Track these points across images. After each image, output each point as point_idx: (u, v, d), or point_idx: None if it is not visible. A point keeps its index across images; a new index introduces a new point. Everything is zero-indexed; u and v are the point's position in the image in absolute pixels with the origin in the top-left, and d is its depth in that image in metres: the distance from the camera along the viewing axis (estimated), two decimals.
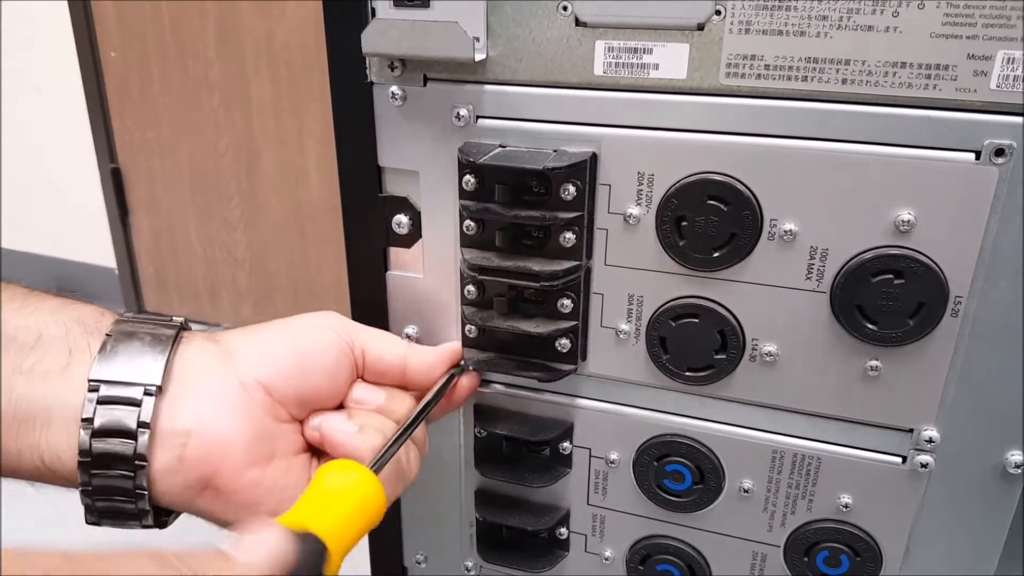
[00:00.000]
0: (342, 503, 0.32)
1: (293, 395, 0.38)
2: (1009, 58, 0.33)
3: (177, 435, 0.35)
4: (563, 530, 0.49)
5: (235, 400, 0.36)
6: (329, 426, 0.38)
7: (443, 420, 0.49)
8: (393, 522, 0.53)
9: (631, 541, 0.48)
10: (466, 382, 0.45)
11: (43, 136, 2.04)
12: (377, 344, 0.41)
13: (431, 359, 0.43)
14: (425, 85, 0.41)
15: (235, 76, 1.78)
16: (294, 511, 0.32)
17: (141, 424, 0.34)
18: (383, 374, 0.41)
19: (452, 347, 0.44)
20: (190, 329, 0.39)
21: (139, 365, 0.35)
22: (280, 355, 0.38)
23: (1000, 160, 0.34)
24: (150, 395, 0.34)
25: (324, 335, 0.40)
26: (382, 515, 0.34)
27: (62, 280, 2.17)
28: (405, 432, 0.39)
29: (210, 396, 0.36)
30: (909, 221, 0.36)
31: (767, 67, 0.36)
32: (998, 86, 0.33)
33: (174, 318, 0.38)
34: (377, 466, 0.35)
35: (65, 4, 1.86)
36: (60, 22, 1.88)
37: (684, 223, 0.39)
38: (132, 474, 0.34)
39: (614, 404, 0.45)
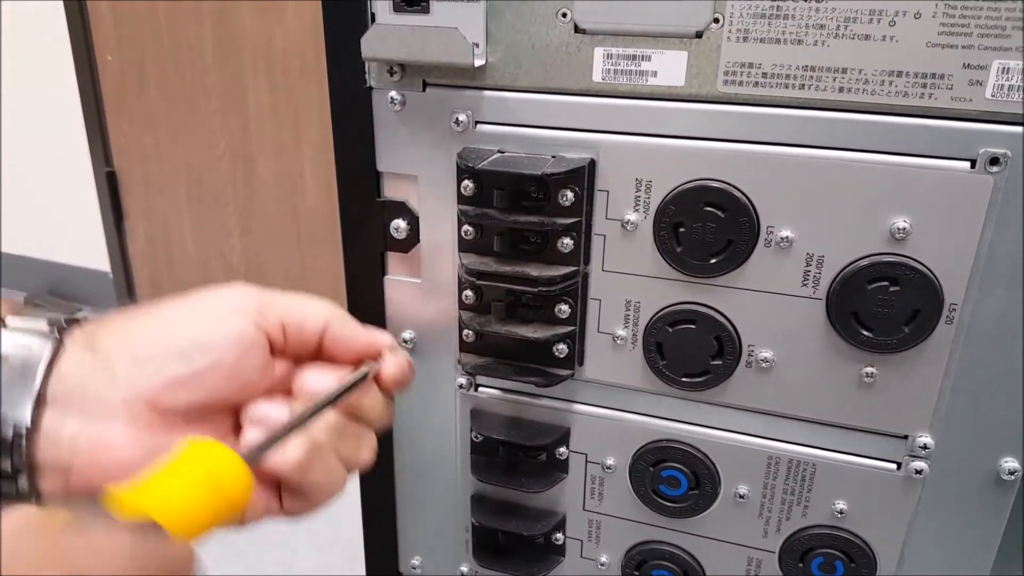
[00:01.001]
0: (181, 479, 0.29)
1: (185, 407, 0.34)
2: (1004, 68, 0.33)
3: (59, 469, 0.32)
4: (559, 535, 0.49)
5: (117, 422, 0.33)
6: (258, 416, 0.35)
7: (439, 423, 0.49)
8: (388, 527, 0.53)
9: (627, 547, 0.48)
10: (393, 371, 0.38)
11: (39, 140, 2.03)
12: (297, 313, 0.36)
13: (352, 333, 0.38)
14: (424, 90, 0.41)
15: (232, 81, 1.78)
16: (131, 485, 0.29)
17: (15, 469, 0.31)
18: (307, 345, 0.37)
19: (378, 334, 0.39)
20: (78, 321, 0.35)
21: (9, 399, 0.31)
22: (164, 362, 0.33)
23: (995, 169, 0.34)
24: (20, 436, 0.31)
25: (223, 324, 0.34)
26: (243, 503, 0.31)
27: (56, 284, 2.16)
28: (296, 425, 0.34)
29: (88, 422, 0.32)
30: (904, 229, 0.36)
31: (765, 75, 0.36)
32: (993, 95, 0.34)
33: (60, 318, 0.34)
34: (250, 455, 0.31)
35: (61, 8, 1.86)
36: (56, 26, 1.88)
37: (681, 229, 0.39)
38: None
39: (611, 409, 0.45)
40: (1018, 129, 0.34)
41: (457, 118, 0.41)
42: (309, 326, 0.37)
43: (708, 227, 0.38)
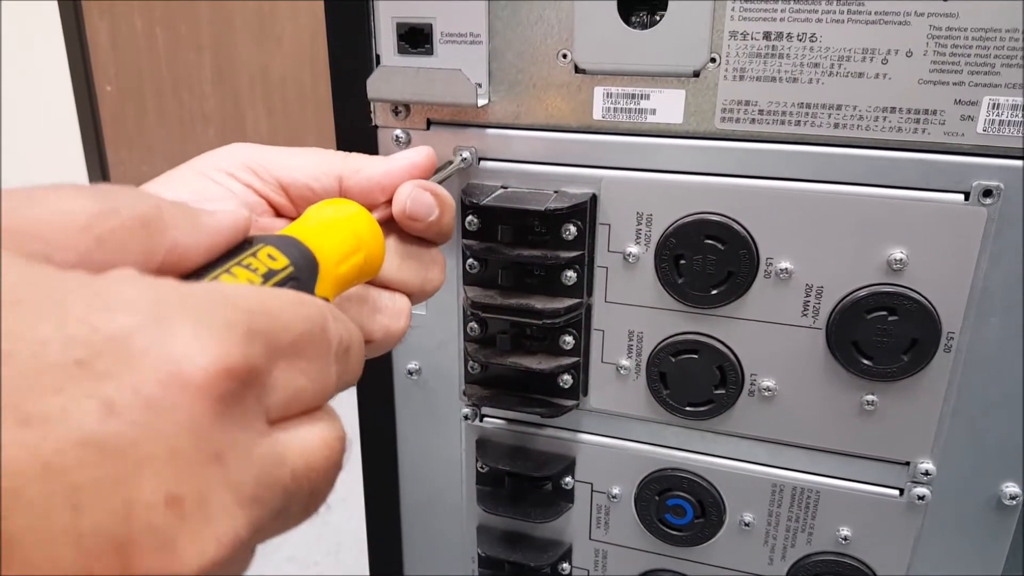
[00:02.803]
0: (331, 227, 0.26)
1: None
2: (994, 103, 0.34)
3: None
4: (565, 565, 0.49)
5: None
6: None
7: (445, 454, 0.49)
8: (394, 557, 0.53)
9: None
10: (398, 208, 0.30)
11: (38, 168, 2.05)
12: (301, 172, 0.31)
13: (375, 178, 0.31)
14: (428, 128, 0.42)
15: (230, 109, 1.80)
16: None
17: None
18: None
19: (413, 157, 0.32)
20: None
21: None
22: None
23: (988, 201, 0.35)
24: None
25: (210, 189, 0.30)
26: (379, 260, 0.28)
27: None
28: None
29: None
30: (902, 260, 0.37)
31: (761, 112, 0.37)
32: (984, 130, 0.34)
33: None
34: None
35: (61, 37, 1.88)
36: (56, 55, 1.90)
37: (682, 261, 0.40)
38: None
39: (616, 439, 0.45)
40: (1009, 162, 0.35)
41: (461, 155, 0.42)
42: (319, 185, 0.31)
43: (709, 259, 0.39)
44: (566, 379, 0.44)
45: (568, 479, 0.47)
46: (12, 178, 2.07)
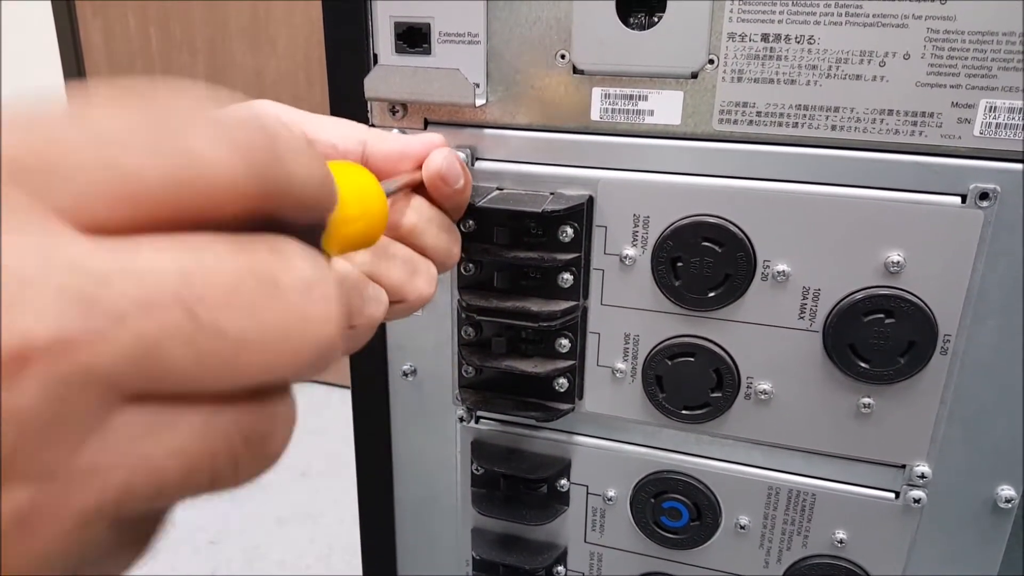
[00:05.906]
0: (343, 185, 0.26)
1: None
2: (991, 106, 0.34)
3: None
4: (560, 568, 0.49)
5: None
6: None
7: (440, 456, 0.49)
8: (388, 561, 0.53)
9: None
10: (433, 166, 0.33)
11: None
12: (327, 131, 0.32)
13: (397, 146, 0.33)
14: (425, 128, 0.42)
15: None
16: None
17: None
18: None
19: (428, 136, 0.34)
20: None
21: None
22: None
23: (985, 204, 0.35)
24: None
25: None
26: (380, 227, 0.28)
27: None
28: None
29: None
30: (899, 262, 0.37)
31: (759, 114, 0.37)
32: (981, 133, 0.35)
33: None
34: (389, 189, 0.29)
35: (54, 36, 1.87)
36: (48, 55, 1.89)
37: (679, 264, 0.40)
38: None
39: (611, 441, 0.45)
40: (1006, 165, 0.35)
41: (458, 155, 0.41)
42: (343, 146, 0.32)
43: (706, 261, 0.39)
44: (562, 383, 0.43)
45: (563, 481, 0.47)
46: None
